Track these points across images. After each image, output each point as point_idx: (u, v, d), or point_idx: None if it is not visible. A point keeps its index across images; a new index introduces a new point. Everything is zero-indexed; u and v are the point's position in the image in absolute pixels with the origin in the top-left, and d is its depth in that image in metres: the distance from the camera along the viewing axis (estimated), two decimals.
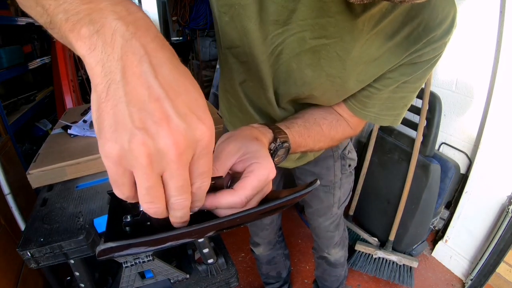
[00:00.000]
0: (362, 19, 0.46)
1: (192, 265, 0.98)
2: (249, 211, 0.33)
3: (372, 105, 0.58)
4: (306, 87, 0.58)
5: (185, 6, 3.89)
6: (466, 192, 1.50)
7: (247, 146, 0.40)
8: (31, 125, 2.26)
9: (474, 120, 1.52)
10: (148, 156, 0.23)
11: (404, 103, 0.59)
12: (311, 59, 0.53)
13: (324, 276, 1.30)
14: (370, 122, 0.62)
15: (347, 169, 0.94)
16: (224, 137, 0.43)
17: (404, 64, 0.51)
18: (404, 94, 0.57)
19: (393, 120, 0.61)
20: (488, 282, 1.39)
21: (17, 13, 2.19)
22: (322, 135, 0.59)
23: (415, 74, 0.53)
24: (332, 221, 1.05)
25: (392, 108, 0.59)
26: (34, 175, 0.89)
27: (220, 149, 0.39)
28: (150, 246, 0.31)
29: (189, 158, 0.26)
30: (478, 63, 1.43)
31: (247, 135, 0.43)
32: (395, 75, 0.53)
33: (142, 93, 0.23)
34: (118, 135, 0.23)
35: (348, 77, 0.54)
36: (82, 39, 0.24)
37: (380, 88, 0.56)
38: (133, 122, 0.23)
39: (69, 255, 0.72)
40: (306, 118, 0.58)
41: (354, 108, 0.61)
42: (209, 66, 3.83)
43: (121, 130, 0.23)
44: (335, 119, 0.62)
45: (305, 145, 0.56)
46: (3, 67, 1.82)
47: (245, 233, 1.26)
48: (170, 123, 0.23)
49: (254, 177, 0.36)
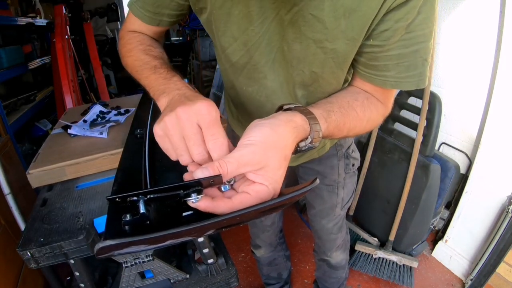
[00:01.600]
0: None
1: (192, 265, 0.98)
2: (249, 209, 0.33)
3: (385, 67, 0.54)
4: (302, 64, 0.58)
5: None
6: (466, 192, 1.50)
7: (269, 165, 0.38)
8: (31, 125, 2.26)
9: (474, 120, 1.52)
10: (170, 122, 0.41)
11: (422, 56, 0.52)
12: (293, 32, 0.54)
13: (325, 277, 1.29)
14: (393, 88, 0.57)
15: (350, 168, 0.93)
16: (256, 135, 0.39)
17: (392, 9, 0.47)
18: (416, 46, 0.51)
19: (418, 81, 0.54)
20: (488, 282, 1.39)
21: (17, 13, 2.19)
22: (358, 119, 0.55)
23: (413, 17, 0.48)
24: (335, 223, 1.04)
25: (411, 66, 0.53)
26: (34, 175, 0.89)
27: (245, 153, 0.38)
28: (149, 245, 0.31)
29: (196, 122, 0.40)
30: (478, 63, 1.43)
31: (281, 148, 0.40)
32: (390, 24, 0.49)
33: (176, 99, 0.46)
34: (163, 114, 0.43)
35: (335, 38, 0.52)
36: (161, 100, 0.49)
37: (382, 45, 0.51)
38: (170, 109, 0.42)
39: (69, 255, 0.72)
40: (340, 103, 0.54)
41: (368, 76, 0.57)
42: (209, 66, 3.83)
43: (165, 112, 0.43)
44: (365, 98, 0.57)
45: (339, 134, 0.53)
46: (3, 67, 1.82)
47: (245, 233, 1.26)
48: (183, 103, 0.42)
49: (255, 199, 0.37)
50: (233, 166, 0.36)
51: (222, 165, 0.36)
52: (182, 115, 0.40)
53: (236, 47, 0.59)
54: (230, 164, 0.36)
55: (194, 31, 3.87)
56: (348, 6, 0.48)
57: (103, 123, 1.13)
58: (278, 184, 0.39)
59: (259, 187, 0.38)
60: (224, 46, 0.61)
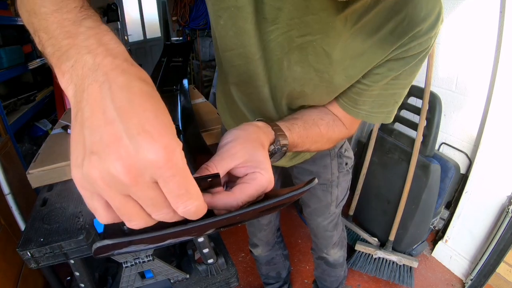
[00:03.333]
0: (344, 14, 0.48)
1: (192, 265, 0.98)
2: (248, 209, 0.33)
3: (363, 102, 0.59)
4: (296, 84, 0.59)
5: (185, 6, 3.90)
6: (466, 192, 1.50)
7: (252, 154, 0.40)
8: (31, 125, 2.26)
9: (474, 120, 1.51)
10: (102, 180, 0.24)
11: (395, 99, 0.59)
12: (299, 56, 0.54)
13: (324, 276, 1.30)
14: (362, 119, 0.63)
15: (344, 167, 0.94)
16: (229, 136, 0.43)
17: (392, 59, 0.52)
18: (395, 90, 0.58)
19: (385, 117, 0.62)
20: (488, 282, 1.39)
21: (17, 13, 2.19)
22: (320, 136, 0.60)
23: (403, 69, 0.53)
24: (330, 221, 1.05)
25: (383, 105, 0.60)
26: (34, 175, 0.89)
27: (225, 149, 0.40)
28: (148, 244, 0.30)
29: (150, 180, 0.24)
30: (478, 63, 1.43)
31: (254, 140, 0.43)
32: (383, 71, 0.54)
33: (99, 117, 0.24)
34: (77, 160, 0.24)
35: (335, 72, 0.55)
36: (62, 75, 0.27)
37: (370, 84, 0.56)
38: (87, 146, 0.24)
39: (69, 255, 0.73)
40: (305, 119, 0.59)
41: (346, 106, 0.61)
42: (209, 66, 3.83)
43: (78, 154, 0.24)
44: (331, 120, 0.63)
45: (302, 146, 0.57)
46: (3, 67, 1.82)
47: (244, 232, 1.26)
48: (120, 145, 0.23)
49: (255, 186, 0.37)
50: (219, 163, 0.38)
51: (210, 166, 0.37)
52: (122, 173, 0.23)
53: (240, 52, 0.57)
54: (216, 162, 0.38)
55: (194, 31, 3.87)
56: (357, 50, 0.52)
57: None
58: (270, 171, 0.40)
59: (255, 175, 0.38)
60: (225, 48, 0.59)
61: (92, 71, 0.25)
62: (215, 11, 0.53)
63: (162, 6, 5.10)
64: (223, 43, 0.57)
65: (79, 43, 0.26)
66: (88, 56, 0.26)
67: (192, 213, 0.27)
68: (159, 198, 0.25)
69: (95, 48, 0.26)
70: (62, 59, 0.27)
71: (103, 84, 0.24)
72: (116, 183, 0.24)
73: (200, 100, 1.45)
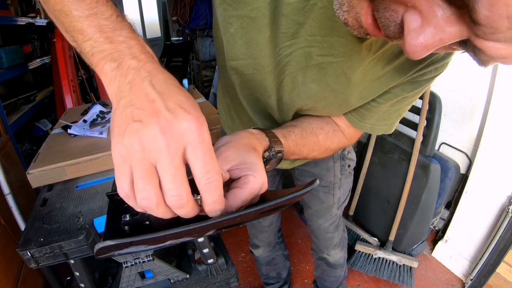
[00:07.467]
0: (370, 41, 0.47)
1: (192, 265, 0.98)
2: (249, 210, 0.33)
3: (370, 117, 0.60)
4: (309, 100, 0.58)
5: (185, 6, 3.89)
6: (466, 192, 1.50)
7: (244, 156, 0.41)
8: (31, 125, 2.26)
9: (474, 120, 1.52)
10: (140, 142, 0.27)
11: (399, 113, 0.61)
12: (317, 74, 0.53)
13: (324, 276, 1.30)
14: (366, 132, 0.63)
15: (346, 169, 0.94)
16: (222, 141, 0.44)
17: (407, 81, 0.53)
18: (400, 107, 0.59)
19: (387, 129, 0.63)
20: (488, 282, 1.39)
21: (17, 13, 2.19)
22: (318, 145, 0.60)
23: (415, 91, 0.55)
24: (331, 222, 1.05)
25: (387, 118, 0.61)
26: (34, 175, 0.89)
27: (218, 153, 0.41)
28: (149, 245, 0.30)
29: (180, 149, 0.28)
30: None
31: (246, 144, 0.44)
32: (396, 91, 0.55)
33: (142, 99, 0.29)
34: (120, 131, 0.28)
35: (352, 93, 0.55)
36: (105, 73, 0.31)
37: (381, 102, 0.57)
38: (132, 117, 0.28)
39: (69, 255, 0.72)
40: (304, 127, 0.59)
41: (352, 119, 0.62)
42: (209, 66, 3.83)
43: (121, 126, 0.28)
44: (331, 130, 0.63)
45: (299, 154, 0.57)
46: (3, 67, 1.82)
47: (245, 233, 1.26)
48: (160, 115, 0.28)
49: (248, 189, 0.38)
50: None
51: None
52: (159, 133, 0.27)
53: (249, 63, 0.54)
54: None
55: (194, 31, 3.86)
56: (377, 75, 0.52)
57: (103, 123, 1.13)
58: (263, 173, 0.40)
59: (247, 178, 0.39)
60: (233, 57, 0.55)
61: (136, 71, 0.31)
62: (225, 18, 0.49)
63: (162, 6, 5.10)
64: (231, 52, 0.54)
65: (123, 50, 0.32)
66: (133, 60, 0.31)
67: (213, 189, 0.29)
68: (181, 173, 0.28)
69: (138, 55, 0.32)
70: (106, 59, 0.31)
71: (145, 79, 0.30)
72: (151, 145, 0.27)
73: (200, 100, 1.45)
